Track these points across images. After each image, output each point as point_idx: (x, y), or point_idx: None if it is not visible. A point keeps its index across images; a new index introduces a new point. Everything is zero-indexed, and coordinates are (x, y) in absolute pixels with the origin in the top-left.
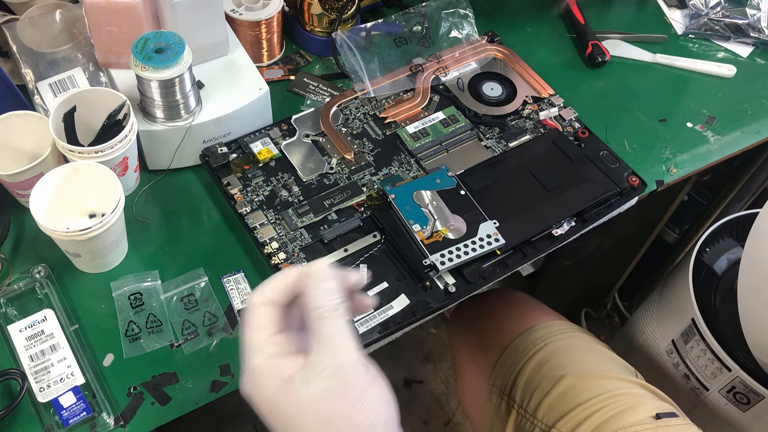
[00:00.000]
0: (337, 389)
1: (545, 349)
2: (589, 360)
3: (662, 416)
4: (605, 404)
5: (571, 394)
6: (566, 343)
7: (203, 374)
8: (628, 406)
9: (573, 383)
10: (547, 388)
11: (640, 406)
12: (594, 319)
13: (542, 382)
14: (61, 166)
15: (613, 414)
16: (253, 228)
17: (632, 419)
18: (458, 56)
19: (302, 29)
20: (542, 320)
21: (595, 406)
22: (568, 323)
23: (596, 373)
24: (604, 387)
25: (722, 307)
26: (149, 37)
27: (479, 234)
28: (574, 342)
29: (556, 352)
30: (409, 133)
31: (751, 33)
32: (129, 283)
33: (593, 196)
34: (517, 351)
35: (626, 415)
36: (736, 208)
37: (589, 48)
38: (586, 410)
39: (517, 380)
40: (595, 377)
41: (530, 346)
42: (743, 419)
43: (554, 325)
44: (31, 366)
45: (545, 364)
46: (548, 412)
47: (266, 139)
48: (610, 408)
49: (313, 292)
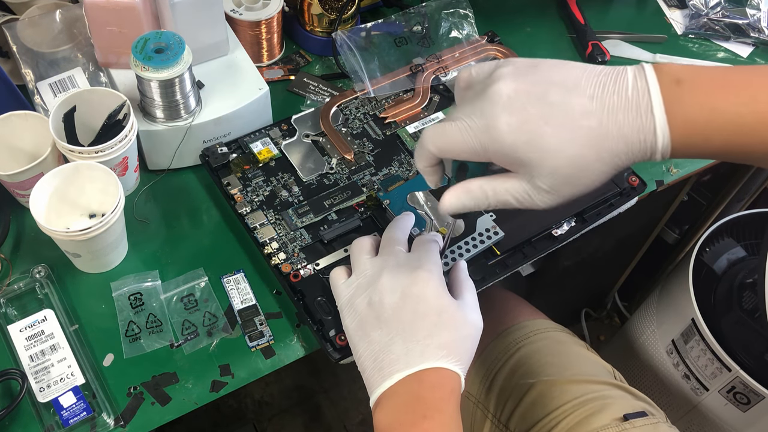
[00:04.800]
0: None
1: (517, 355)
2: (561, 363)
3: (630, 417)
4: (573, 411)
5: (541, 402)
6: (538, 346)
7: (203, 374)
8: (595, 410)
9: (542, 391)
10: (519, 397)
11: (607, 409)
12: (594, 319)
13: (514, 391)
14: (61, 166)
15: (580, 419)
16: (253, 228)
17: (598, 423)
18: (458, 56)
19: (302, 29)
20: (516, 321)
21: (563, 414)
22: (544, 321)
23: (567, 377)
24: (573, 393)
25: (722, 307)
26: (149, 37)
27: (478, 229)
28: (547, 344)
29: (527, 358)
30: (409, 133)
31: (751, 33)
32: (129, 283)
33: (593, 196)
34: (490, 358)
35: (592, 420)
36: (736, 208)
37: (589, 48)
38: (554, 419)
39: (490, 390)
40: (564, 383)
41: (502, 352)
42: (743, 419)
43: (528, 326)
44: (31, 366)
45: (517, 372)
46: (520, 422)
47: (266, 139)
48: (577, 414)
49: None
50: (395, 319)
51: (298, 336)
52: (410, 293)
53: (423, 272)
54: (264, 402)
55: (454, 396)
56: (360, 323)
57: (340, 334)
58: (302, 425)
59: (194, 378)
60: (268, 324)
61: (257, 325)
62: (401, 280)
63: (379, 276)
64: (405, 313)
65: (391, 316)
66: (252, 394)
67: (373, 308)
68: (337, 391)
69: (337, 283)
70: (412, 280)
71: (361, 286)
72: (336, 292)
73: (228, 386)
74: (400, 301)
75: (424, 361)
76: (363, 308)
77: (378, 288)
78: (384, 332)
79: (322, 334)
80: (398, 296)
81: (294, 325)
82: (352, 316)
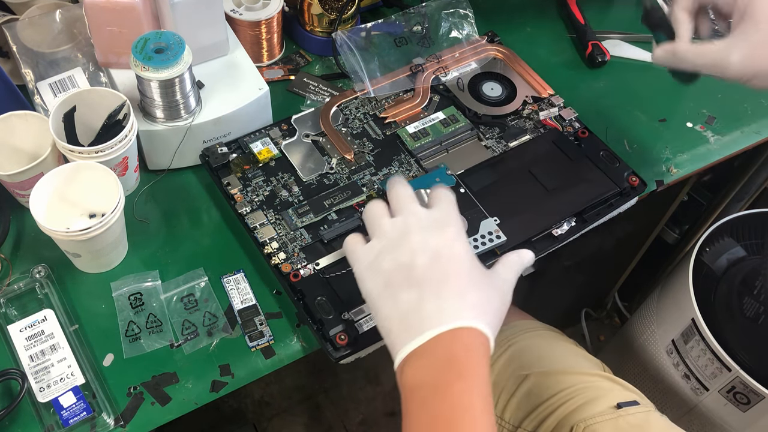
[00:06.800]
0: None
1: (509, 350)
2: (553, 356)
3: (623, 405)
4: (567, 399)
5: (535, 392)
6: (530, 342)
7: (203, 374)
8: (590, 399)
9: (537, 381)
10: (513, 389)
11: (601, 398)
12: (594, 319)
13: (508, 383)
14: (61, 166)
15: (575, 408)
16: (253, 228)
17: (593, 411)
18: (458, 56)
19: (302, 29)
20: (505, 322)
21: (557, 402)
22: (532, 321)
23: (560, 369)
24: (567, 382)
25: (722, 307)
26: (149, 37)
27: (480, 231)
28: (537, 340)
29: (520, 353)
30: (409, 133)
31: None
32: (129, 283)
33: (593, 196)
34: None
35: (587, 407)
36: (736, 208)
37: (589, 48)
38: (549, 407)
39: None
40: (557, 374)
41: (495, 349)
42: (743, 419)
43: (518, 325)
44: (31, 366)
45: (510, 365)
46: (515, 412)
47: (266, 139)
48: (572, 402)
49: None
50: (427, 279)
51: (298, 336)
52: (442, 252)
53: (452, 229)
54: (264, 402)
55: (485, 360)
56: (386, 285)
57: (340, 334)
58: (302, 425)
59: (194, 378)
60: (268, 324)
61: (257, 325)
62: (431, 239)
63: (406, 236)
64: (437, 272)
65: (423, 276)
66: (252, 394)
67: (402, 269)
68: (337, 391)
69: (356, 248)
70: (442, 238)
71: (386, 248)
72: (354, 258)
73: (228, 386)
74: (432, 260)
75: (458, 320)
76: (390, 270)
77: (406, 248)
78: (415, 292)
79: (322, 334)
80: (429, 256)
81: (294, 325)
82: (375, 279)
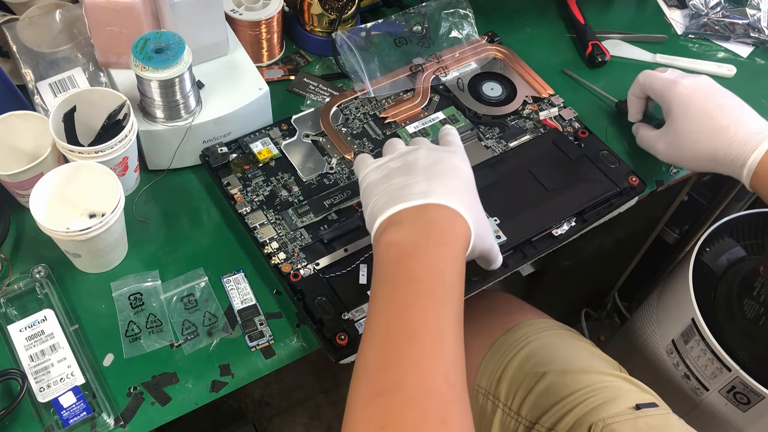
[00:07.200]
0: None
1: (527, 347)
2: (571, 355)
3: (642, 407)
4: (586, 398)
5: (553, 390)
6: (548, 341)
7: (203, 374)
8: (608, 399)
9: (554, 380)
10: (530, 385)
11: (620, 398)
12: (594, 319)
13: (525, 379)
14: (61, 166)
15: (594, 407)
16: (253, 228)
17: (612, 411)
18: (458, 56)
19: (302, 29)
20: (524, 319)
21: (576, 400)
22: (549, 320)
23: (577, 368)
24: (585, 381)
25: (722, 307)
26: (149, 37)
27: None
28: (555, 339)
29: (538, 350)
30: (409, 133)
31: (751, 33)
32: (129, 283)
33: (593, 196)
34: (500, 351)
35: (606, 407)
36: (736, 208)
37: (589, 48)
38: (567, 405)
39: (501, 380)
40: (576, 372)
41: (512, 345)
42: (743, 419)
43: (536, 324)
44: (31, 366)
45: (528, 362)
46: (532, 409)
47: (266, 139)
48: (590, 401)
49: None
50: (424, 168)
51: (298, 336)
52: (443, 160)
53: (458, 154)
54: (264, 402)
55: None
56: (386, 175)
57: (340, 334)
58: (302, 425)
59: (194, 378)
60: (268, 324)
61: (257, 325)
62: (437, 153)
63: (416, 150)
64: (434, 170)
65: (421, 167)
66: (252, 394)
67: (405, 166)
68: (337, 391)
69: (366, 161)
70: (447, 155)
71: (395, 158)
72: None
73: (228, 386)
74: (433, 162)
75: (445, 199)
76: (394, 167)
77: (413, 155)
78: (409, 176)
79: (322, 334)
80: (432, 160)
81: (294, 325)
82: (378, 172)
